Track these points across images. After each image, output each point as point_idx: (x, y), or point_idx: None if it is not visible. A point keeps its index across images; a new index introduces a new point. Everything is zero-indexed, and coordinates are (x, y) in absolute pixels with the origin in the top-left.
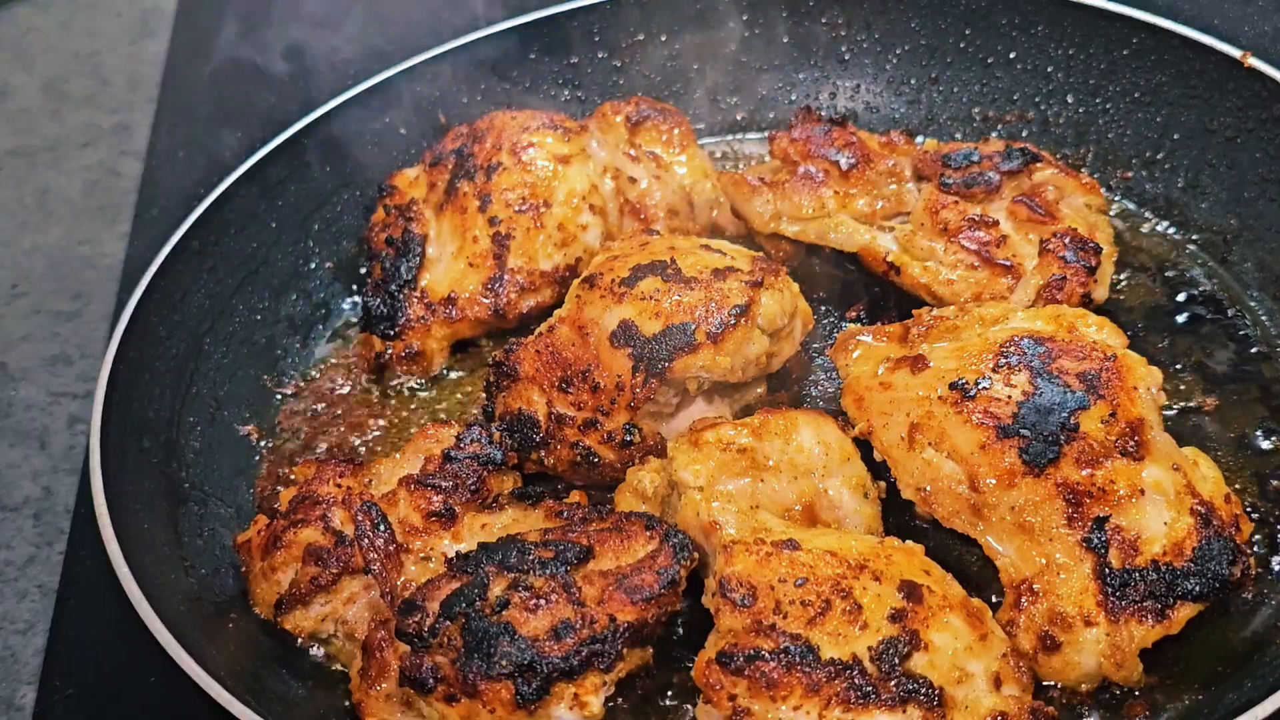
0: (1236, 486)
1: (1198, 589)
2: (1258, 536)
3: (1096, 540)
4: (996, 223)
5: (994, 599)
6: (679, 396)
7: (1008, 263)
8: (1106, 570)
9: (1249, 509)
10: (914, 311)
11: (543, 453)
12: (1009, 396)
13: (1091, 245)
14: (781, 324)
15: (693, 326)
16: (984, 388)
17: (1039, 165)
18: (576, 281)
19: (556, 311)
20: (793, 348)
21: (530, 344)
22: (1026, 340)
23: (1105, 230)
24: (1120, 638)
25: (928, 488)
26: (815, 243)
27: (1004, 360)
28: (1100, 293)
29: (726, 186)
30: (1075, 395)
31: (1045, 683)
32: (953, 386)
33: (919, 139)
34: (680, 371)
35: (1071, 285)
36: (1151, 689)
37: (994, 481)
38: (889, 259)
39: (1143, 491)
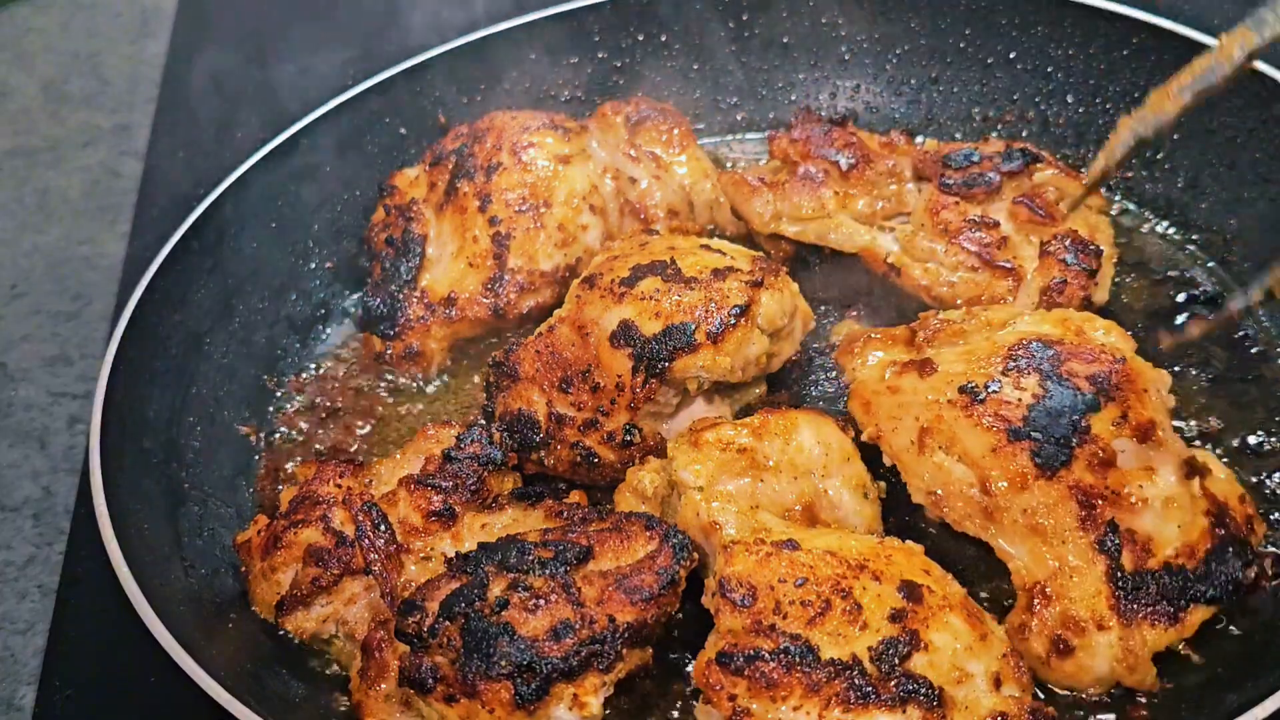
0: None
1: (1210, 592)
2: (1272, 536)
3: (1109, 543)
4: (997, 224)
5: (982, 595)
6: (679, 396)
7: (1008, 264)
8: (1119, 573)
9: None
10: (920, 315)
11: (543, 453)
12: (1019, 399)
13: (1092, 248)
14: (782, 324)
15: (693, 326)
16: (994, 391)
17: (1039, 166)
18: (576, 281)
19: (556, 311)
20: (793, 348)
21: (530, 344)
22: (1035, 343)
23: (1105, 231)
24: (1133, 641)
25: (938, 492)
26: (815, 243)
27: (1013, 363)
28: (1100, 295)
29: (726, 186)
30: (1086, 398)
31: (1058, 689)
32: (962, 390)
33: (919, 139)
34: (680, 371)
35: (1072, 289)
36: (1153, 690)
37: (1006, 484)
38: (889, 260)
39: (1155, 494)
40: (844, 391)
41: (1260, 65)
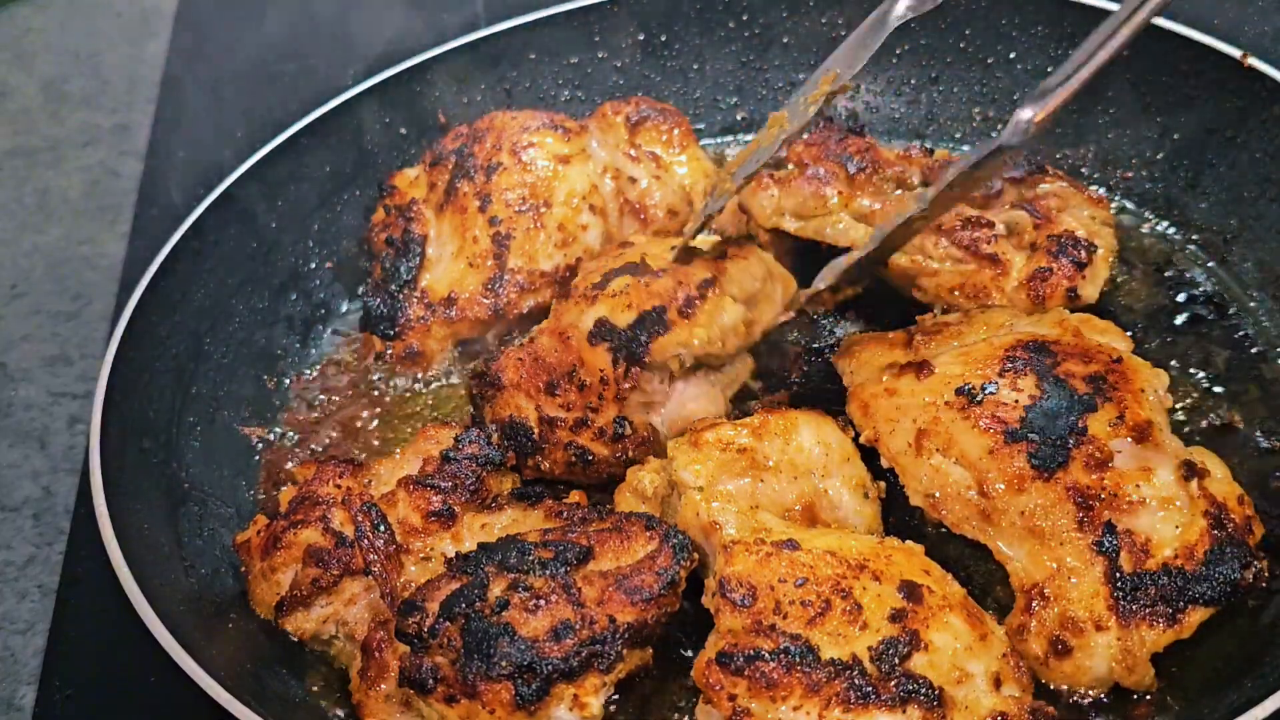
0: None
1: (1209, 593)
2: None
3: (1108, 544)
4: (991, 224)
5: (982, 595)
6: (665, 382)
7: (995, 255)
8: (1118, 574)
9: None
10: (918, 317)
11: (538, 458)
12: (1015, 401)
13: (1084, 243)
14: (754, 288)
15: (664, 308)
16: (990, 392)
17: (1045, 177)
18: (555, 300)
19: (535, 327)
20: (774, 311)
21: (511, 354)
22: (1032, 344)
23: (1107, 240)
24: (1131, 642)
25: (936, 494)
26: (813, 238)
27: (1009, 365)
28: (1089, 291)
29: None
30: (1082, 398)
31: (1055, 687)
32: (959, 392)
33: (934, 150)
34: (659, 353)
35: (1057, 278)
36: (1151, 690)
37: (1003, 486)
38: None
39: (1153, 494)
40: (844, 392)
41: (1260, 65)
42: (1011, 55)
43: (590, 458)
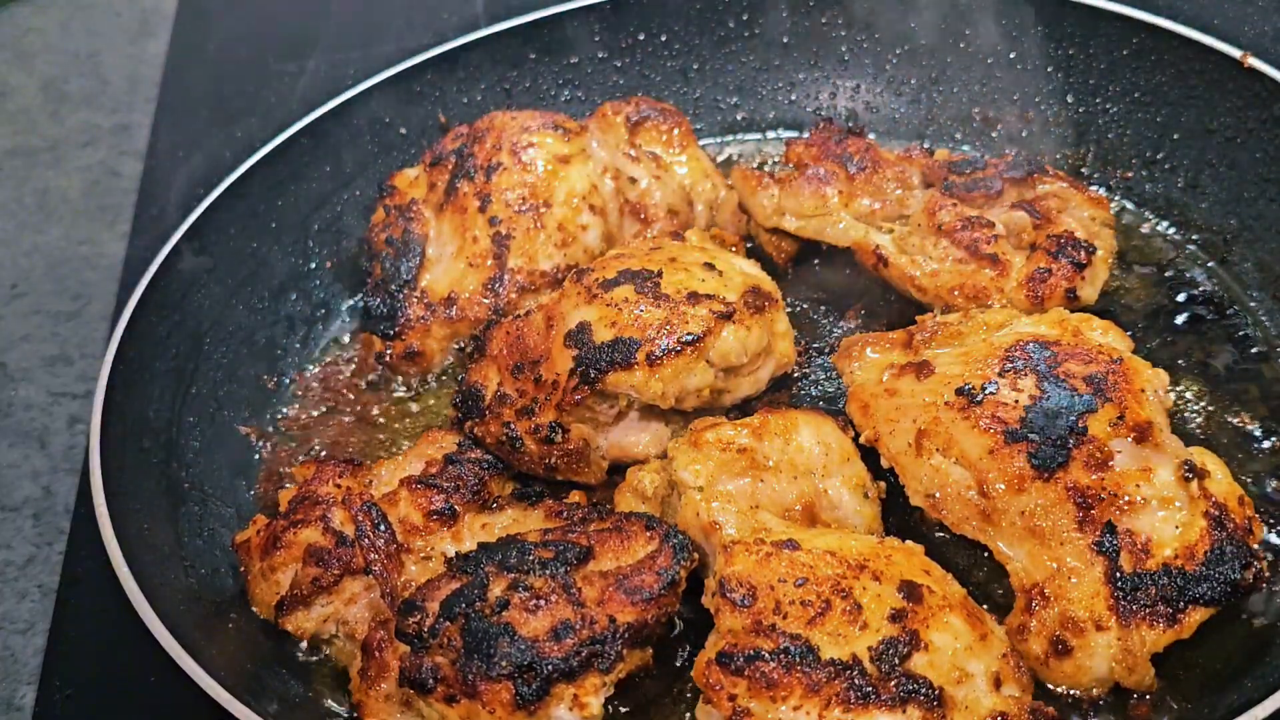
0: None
1: (1209, 593)
2: (1272, 537)
3: (1108, 544)
4: (991, 224)
5: (982, 595)
6: (615, 408)
7: (994, 255)
8: (1118, 574)
9: None
10: (917, 318)
11: (477, 423)
12: (1016, 401)
13: (1084, 245)
14: (739, 362)
15: (638, 345)
16: (990, 393)
17: (1045, 178)
18: (576, 269)
19: (547, 296)
20: (753, 388)
21: (505, 324)
22: (1032, 344)
23: (1107, 241)
24: (1132, 642)
25: (936, 494)
26: (813, 238)
27: (1010, 365)
28: (1088, 293)
29: (735, 179)
30: (1082, 398)
31: (1055, 688)
32: (959, 392)
33: (934, 150)
34: (612, 385)
35: (1056, 279)
36: (1151, 690)
37: (1003, 486)
38: (878, 250)
39: (1153, 494)
40: (844, 392)
41: (1260, 65)
42: (1011, 55)
43: (519, 445)
